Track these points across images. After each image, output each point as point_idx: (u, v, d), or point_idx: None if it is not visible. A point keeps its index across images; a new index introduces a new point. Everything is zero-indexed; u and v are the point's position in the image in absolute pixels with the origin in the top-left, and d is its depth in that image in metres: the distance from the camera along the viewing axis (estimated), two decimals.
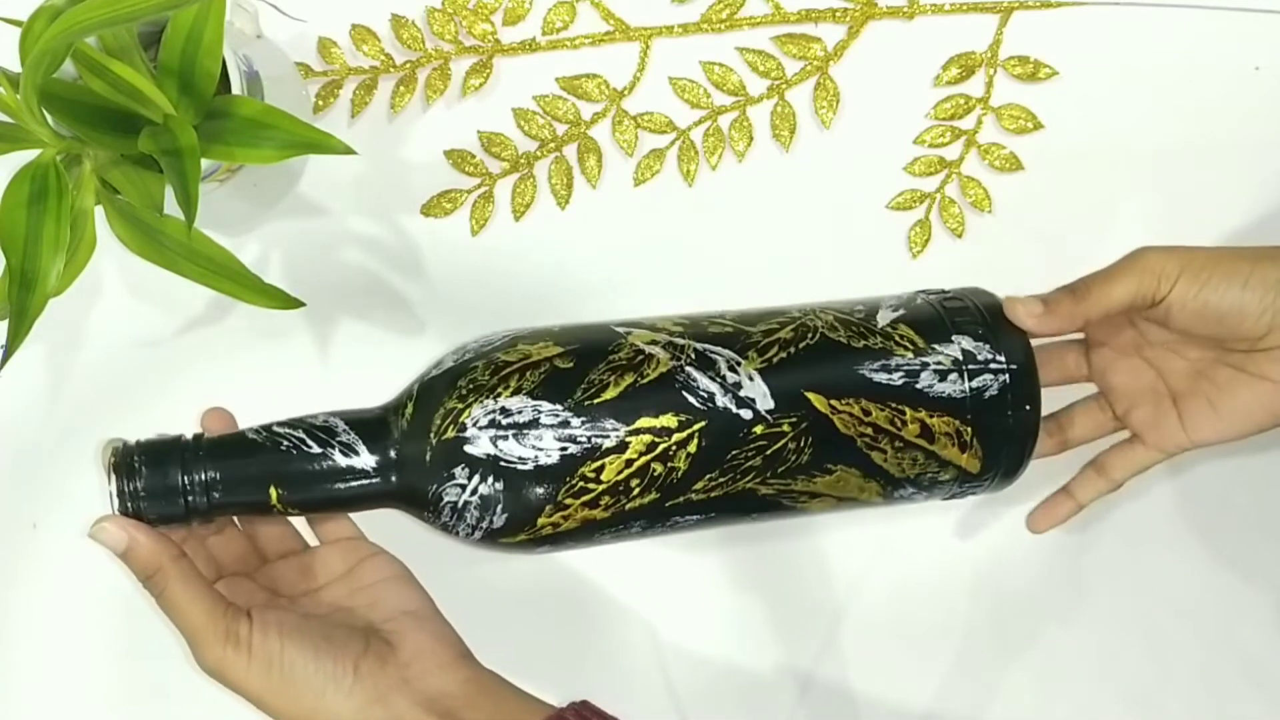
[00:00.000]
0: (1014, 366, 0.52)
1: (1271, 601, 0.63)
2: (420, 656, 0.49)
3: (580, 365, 0.49)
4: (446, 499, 0.49)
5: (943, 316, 0.53)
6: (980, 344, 0.52)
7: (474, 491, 0.48)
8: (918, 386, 0.51)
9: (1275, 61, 0.64)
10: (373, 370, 0.64)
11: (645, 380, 0.49)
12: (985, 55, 0.64)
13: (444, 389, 0.49)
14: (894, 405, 0.51)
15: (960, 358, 0.52)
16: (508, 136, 0.65)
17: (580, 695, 0.50)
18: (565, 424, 0.48)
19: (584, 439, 0.48)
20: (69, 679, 0.64)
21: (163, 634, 0.63)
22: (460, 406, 0.48)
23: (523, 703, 0.49)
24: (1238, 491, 0.63)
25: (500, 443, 0.48)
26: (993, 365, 0.52)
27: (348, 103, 0.65)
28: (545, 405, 0.48)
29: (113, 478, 0.48)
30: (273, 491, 0.49)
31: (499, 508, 0.48)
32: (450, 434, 0.48)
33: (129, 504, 0.48)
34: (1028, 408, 0.52)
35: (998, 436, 0.52)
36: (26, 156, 0.50)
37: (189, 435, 0.50)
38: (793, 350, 0.51)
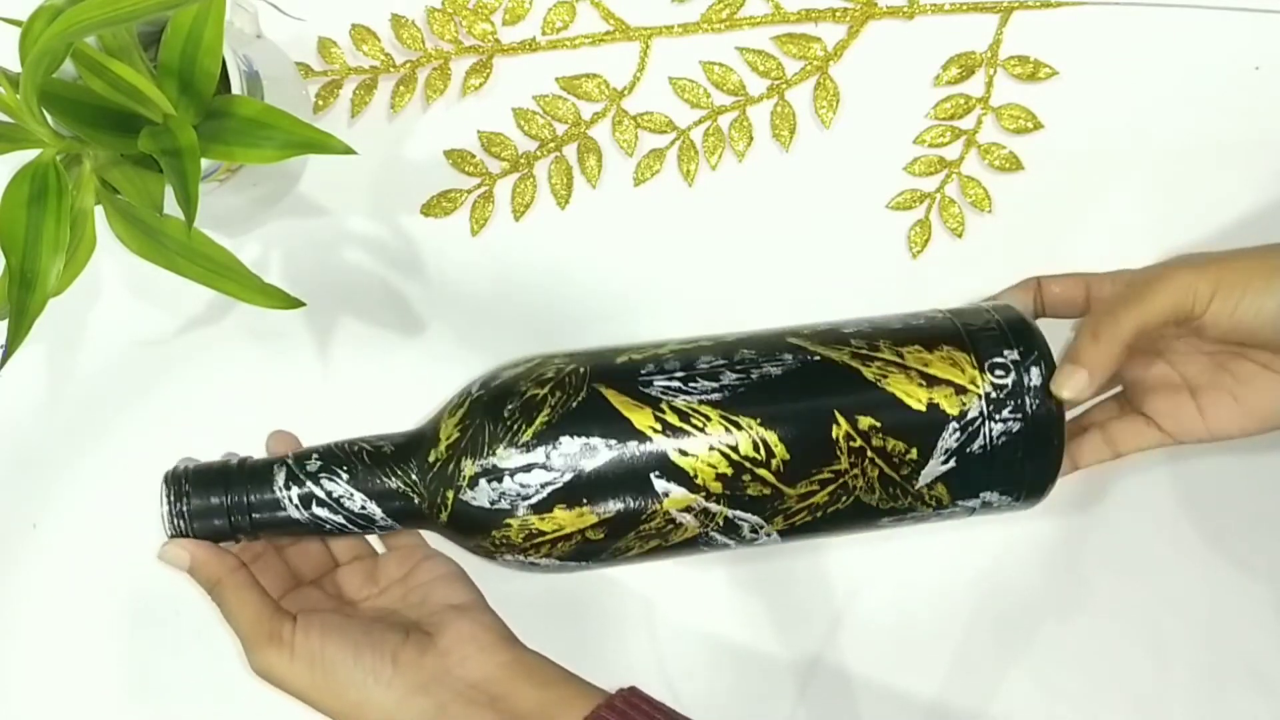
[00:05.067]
0: (1021, 506, 0.53)
1: (1273, 598, 0.63)
2: (460, 643, 0.50)
3: (610, 535, 0.50)
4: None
5: (987, 467, 0.50)
6: (1004, 496, 0.52)
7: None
8: (921, 525, 0.53)
9: (1275, 61, 0.64)
10: (372, 370, 0.64)
11: (669, 544, 0.51)
12: (985, 55, 0.64)
13: (477, 528, 0.50)
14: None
15: (976, 507, 0.52)
16: (508, 136, 0.65)
17: None
18: (584, 567, 0.51)
19: (597, 568, 0.52)
20: (69, 678, 0.64)
21: (162, 634, 0.63)
22: (491, 549, 0.50)
23: (570, 686, 0.49)
24: (1239, 487, 0.63)
25: (525, 568, 0.52)
26: (1001, 509, 0.53)
27: (348, 103, 0.65)
28: (572, 563, 0.51)
29: (164, 499, 0.50)
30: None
31: None
32: (481, 555, 0.52)
33: (177, 522, 0.50)
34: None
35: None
36: (26, 156, 0.50)
37: (234, 460, 0.52)
38: (820, 514, 0.51)
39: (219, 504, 0.50)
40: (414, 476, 0.50)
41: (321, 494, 0.50)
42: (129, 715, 0.64)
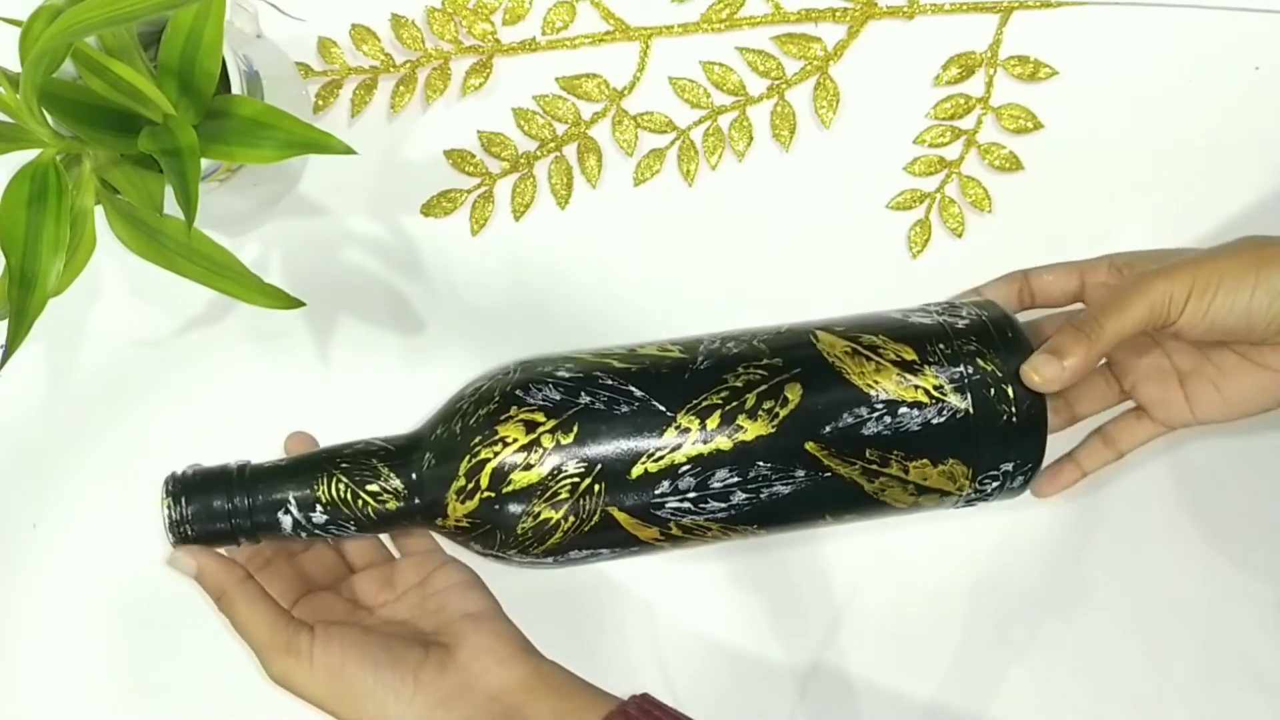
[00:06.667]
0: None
1: (1272, 597, 0.63)
2: (479, 655, 0.50)
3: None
4: None
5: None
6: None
7: None
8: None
9: (1275, 61, 0.64)
10: (372, 369, 0.64)
11: None
12: (985, 55, 0.64)
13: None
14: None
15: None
16: (508, 136, 0.65)
17: None
18: None
19: None
20: (68, 678, 0.64)
21: (162, 635, 0.63)
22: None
23: (585, 695, 0.50)
24: (1238, 486, 0.63)
25: None
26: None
27: (348, 103, 0.65)
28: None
29: (163, 504, 0.50)
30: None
31: None
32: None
33: (177, 528, 0.50)
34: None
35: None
36: (26, 156, 0.50)
37: (234, 465, 0.52)
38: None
39: (221, 509, 0.50)
40: (423, 527, 0.53)
41: (329, 539, 0.52)
42: (129, 716, 0.64)
